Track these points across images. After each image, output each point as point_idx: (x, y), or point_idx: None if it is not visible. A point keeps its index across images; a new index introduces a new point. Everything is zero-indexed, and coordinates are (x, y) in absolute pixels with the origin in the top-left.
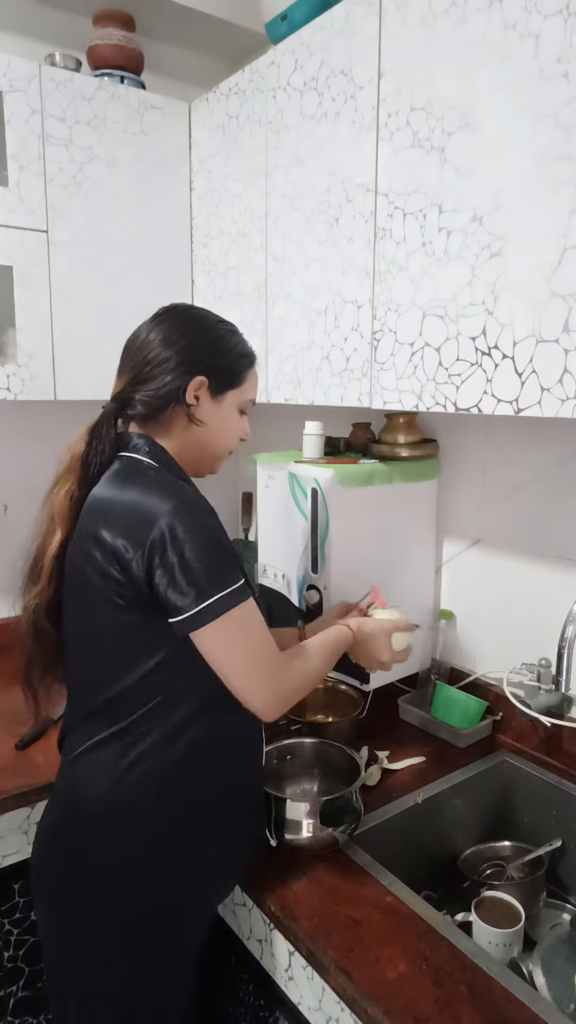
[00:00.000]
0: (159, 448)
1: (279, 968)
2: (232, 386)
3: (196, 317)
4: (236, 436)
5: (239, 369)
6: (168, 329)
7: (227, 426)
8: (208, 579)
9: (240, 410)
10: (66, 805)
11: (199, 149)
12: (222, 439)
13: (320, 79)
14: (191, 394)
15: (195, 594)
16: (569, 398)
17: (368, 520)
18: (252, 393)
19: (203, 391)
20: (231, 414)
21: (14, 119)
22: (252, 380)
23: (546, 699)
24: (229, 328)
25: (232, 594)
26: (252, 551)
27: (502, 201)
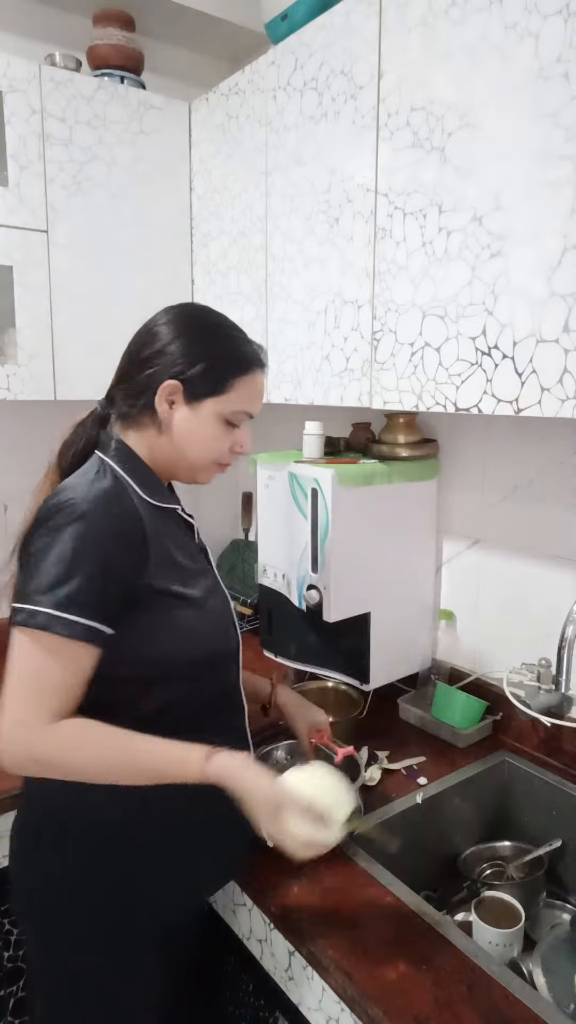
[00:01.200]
0: (127, 452)
1: (279, 968)
2: (213, 393)
3: (191, 317)
4: (217, 448)
5: (225, 376)
6: (161, 327)
7: (201, 436)
8: (32, 585)
9: (227, 421)
10: (34, 806)
11: (199, 149)
12: (195, 449)
13: (320, 79)
14: (161, 398)
15: (16, 590)
16: (569, 398)
17: (368, 520)
18: (243, 404)
19: (177, 396)
20: (208, 424)
21: (14, 119)
22: (244, 390)
23: (546, 699)
24: (227, 333)
25: (34, 614)
26: (252, 551)
27: (502, 201)
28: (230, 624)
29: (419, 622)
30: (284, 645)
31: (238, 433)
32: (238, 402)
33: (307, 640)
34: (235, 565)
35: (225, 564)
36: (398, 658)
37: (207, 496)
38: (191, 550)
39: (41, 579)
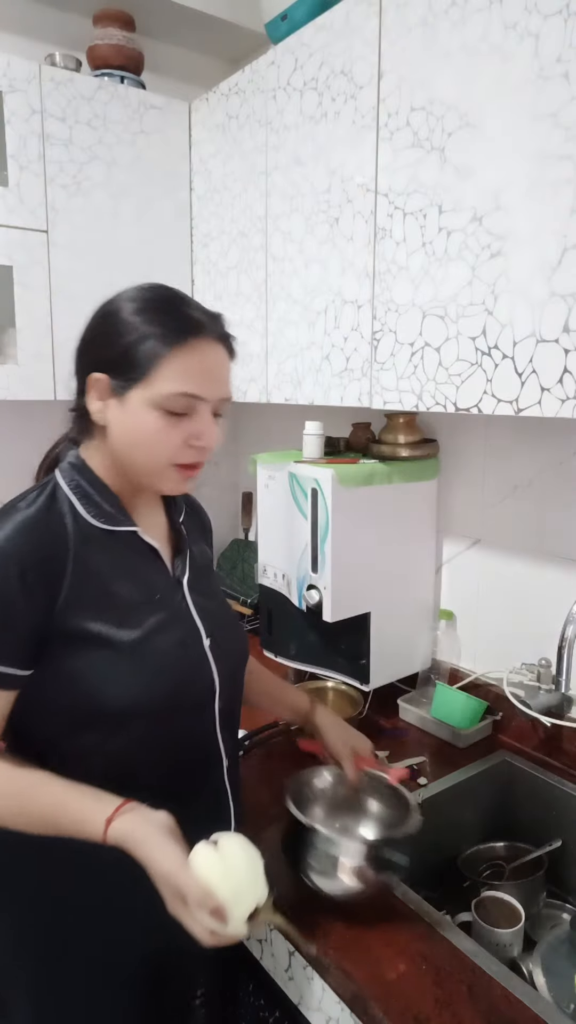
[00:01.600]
0: (80, 467)
1: (279, 968)
2: (137, 380)
3: (118, 298)
4: (163, 445)
5: (143, 357)
6: (91, 318)
7: (137, 433)
8: None
9: (166, 410)
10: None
11: (199, 149)
12: (137, 451)
13: (320, 79)
14: (91, 397)
15: None
16: (569, 398)
17: (368, 520)
18: (179, 384)
19: (104, 391)
20: (141, 417)
21: (14, 119)
22: (177, 367)
23: (546, 699)
24: (153, 304)
25: None
26: (252, 551)
27: (502, 201)
28: (191, 668)
29: (419, 622)
30: (284, 645)
31: (192, 423)
32: (172, 383)
33: (307, 640)
34: (235, 565)
35: (225, 564)
36: (398, 658)
37: (207, 496)
38: (147, 581)
39: None
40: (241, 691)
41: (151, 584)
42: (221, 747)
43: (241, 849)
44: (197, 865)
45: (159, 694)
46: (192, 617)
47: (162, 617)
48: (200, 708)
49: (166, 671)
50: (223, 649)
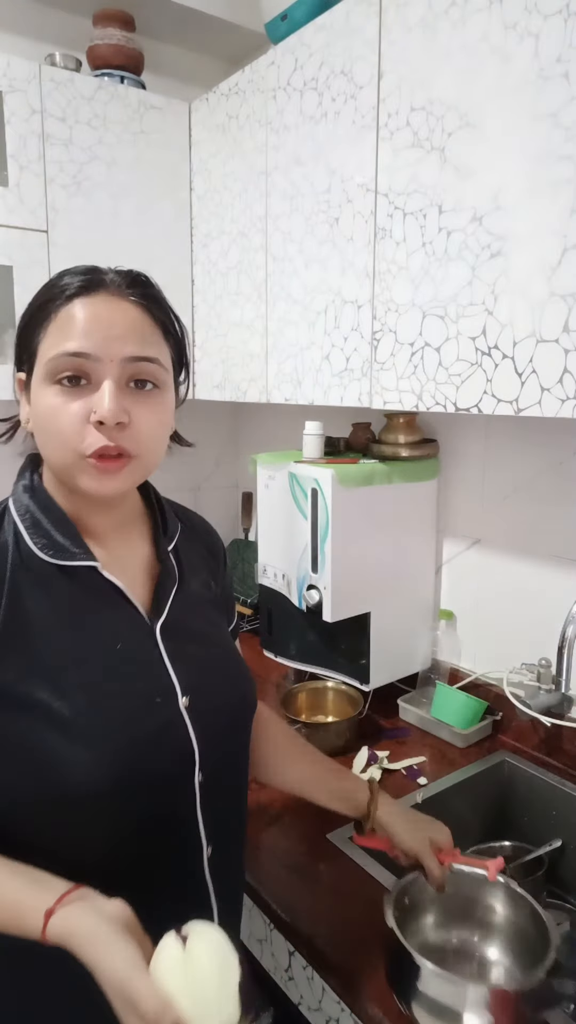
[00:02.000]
0: (33, 487)
1: (279, 968)
2: (31, 361)
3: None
4: (63, 425)
5: (33, 330)
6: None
7: (42, 418)
8: None
9: (53, 380)
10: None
11: (199, 149)
12: (47, 438)
13: (320, 79)
14: (21, 404)
15: None
16: (569, 398)
17: (368, 520)
18: (57, 345)
19: (24, 391)
20: (41, 396)
21: (14, 119)
22: (57, 329)
23: (546, 699)
24: (41, 287)
25: None
26: (252, 551)
27: (502, 201)
28: (158, 736)
29: (419, 622)
30: (284, 645)
31: (90, 395)
32: (53, 346)
33: (307, 640)
34: (235, 565)
35: None
36: (398, 658)
37: (207, 496)
38: (105, 628)
39: None
40: (238, 758)
41: (110, 632)
42: (201, 831)
43: (214, 951)
44: (158, 967)
45: (111, 773)
46: (165, 669)
47: (120, 674)
48: (173, 784)
49: (121, 744)
50: (207, 707)
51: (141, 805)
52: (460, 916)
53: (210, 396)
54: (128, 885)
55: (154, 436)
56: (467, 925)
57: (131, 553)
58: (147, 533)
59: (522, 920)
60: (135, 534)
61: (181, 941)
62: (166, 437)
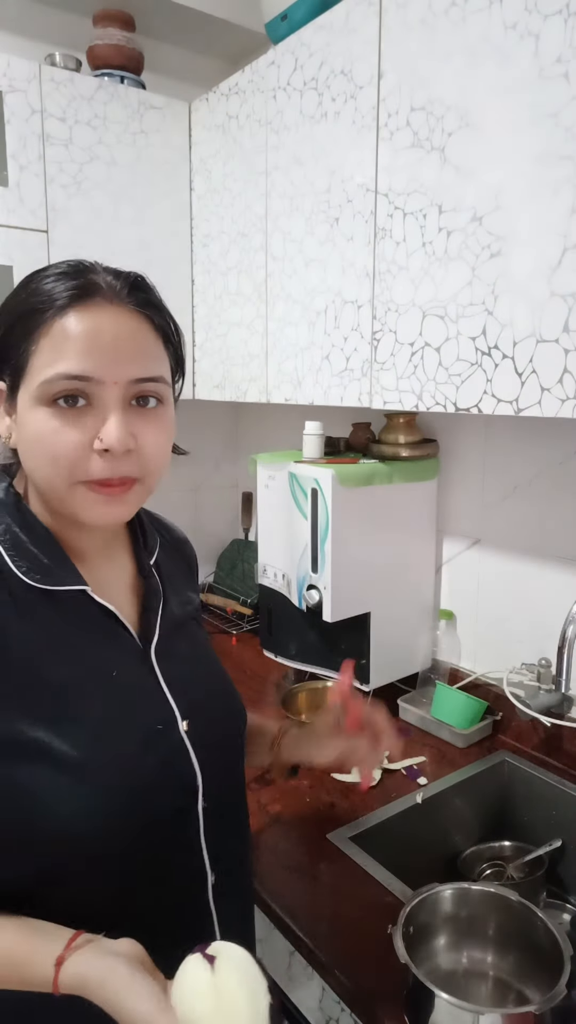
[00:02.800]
0: (10, 505)
1: (279, 968)
2: (17, 376)
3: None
4: (58, 452)
5: (19, 345)
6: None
7: (33, 441)
8: None
9: (50, 401)
10: None
11: (199, 149)
12: (38, 462)
13: (320, 79)
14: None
15: None
16: (569, 398)
17: (368, 520)
18: (52, 365)
19: (3, 403)
20: (30, 418)
21: (14, 119)
22: (50, 344)
23: (546, 699)
24: (21, 285)
25: None
26: (252, 551)
27: (502, 201)
28: (161, 767)
29: (419, 622)
30: (284, 645)
31: (94, 418)
32: (48, 365)
33: (307, 640)
34: (235, 565)
35: (225, 564)
36: (398, 658)
37: (207, 496)
38: (98, 655)
39: None
40: (237, 776)
41: (104, 659)
42: (205, 860)
43: (243, 974)
44: (184, 993)
45: (116, 813)
46: (164, 696)
47: (120, 704)
48: (178, 812)
49: (125, 780)
50: (206, 730)
51: (146, 840)
52: (470, 935)
53: (210, 396)
54: (130, 922)
55: (161, 456)
56: (478, 944)
57: (116, 572)
58: (128, 547)
59: (534, 936)
60: (118, 550)
61: (207, 962)
62: (170, 452)
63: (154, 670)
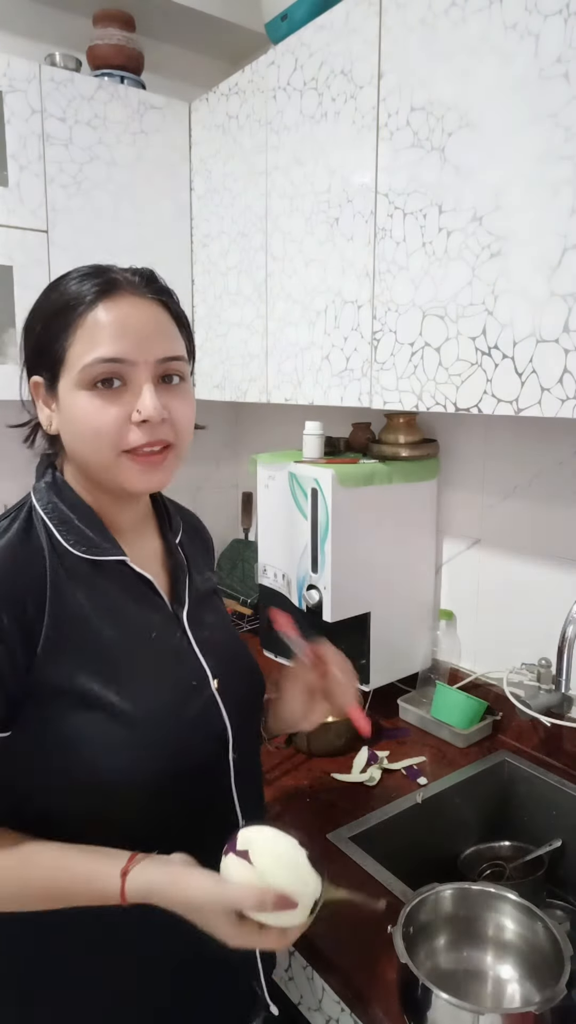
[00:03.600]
0: (58, 485)
1: (279, 968)
2: (57, 366)
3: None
4: (101, 426)
5: (55, 338)
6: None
7: (78, 422)
8: None
9: (90, 384)
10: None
11: (199, 149)
12: (83, 445)
13: (320, 79)
14: (39, 406)
15: None
16: (569, 398)
17: (368, 520)
18: (91, 351)
19: (43, 395)
20: (73, 403)
21: (14, 119)
22: (86, 334)
23: (546, 699)
24: (50, 288)
25: None
26: (252, 551)
27: (502, 201)
28: (198, 720)
29: (419, 622)
30: (284, 645)
31: (129, 395)
32: (86, 352)
33: (307, 640)
34: (235, 565)
35: (225, 564)
36: (398, 658)
37: (207, 496)
38: (139, 619)
39: None
40: (257, 735)
41: (144, 622)
42: (237, 806)
43: (278, 856)
44: (241, 877)
45: (162, 759)
46: (196, 657)
47: (160, 663)
48: (211, 765)
49: (169, 731)
50: (234, 689)
51: (188, 786)
52: (470, 936)
53: (210, 396)
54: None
55: (188, 424)
56: (478, 945)
57: (147, 547)
58: (156, 527)
59: (534, 936)
60: (148, 529)
61: (241, 858)
62: (194, 422)
63: (187, 633)
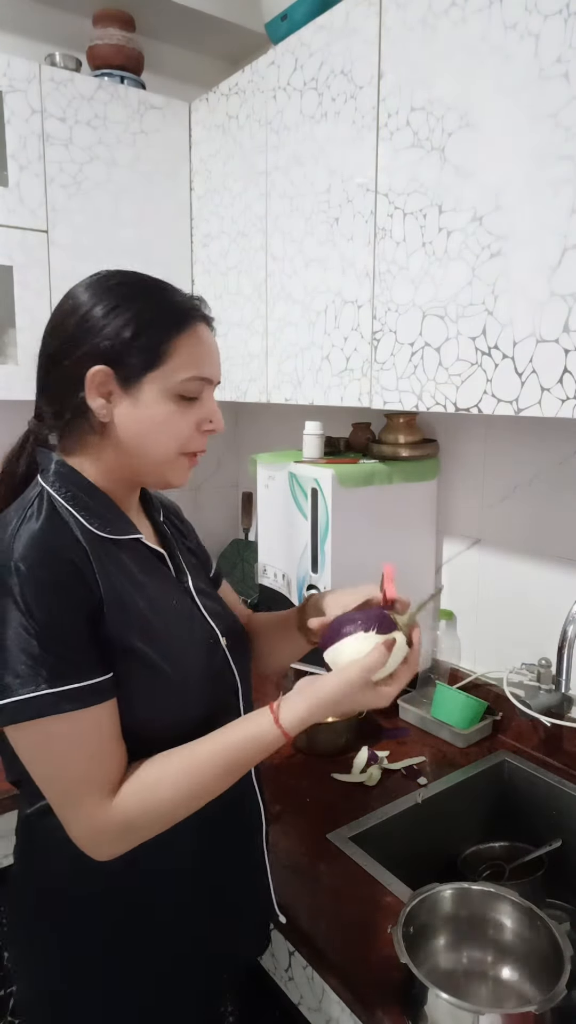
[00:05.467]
0: (68, 474)
1: (279, 968)
2: (150, 367)
3: (95, 285)
4: (178, 433)
5: (159, 340)
6: (61, 311)
7: (154, 424)
8: (15, 673)
9: (179, 395)
10: (23, 863)
11: (199, 149)
12: (152, 444)
13: (320, 79)
14: (92, 392)
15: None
16: (569, 398)
17: (368, 520)
18: (193, 368)
19: (110, 384)
20: (157, 406)
21: (14, 119)
22: (190, 350)
23: (546, 699)
24: (149, 286)
25: (47, 700)
26: (252, 551)
27: (502, 201)
28: (218, 676)
29: (419, 622)
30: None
31: (202, 407)
32: (185, 367)
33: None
34: (235, 565)
35: (225, 564)
36: None
37: (207, 496)
38: (160, 589)
39: (20, 666)
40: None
41: (164, 591)
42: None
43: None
44: (353, 652)
45: (200, 706)
46: (207, 620)
47: (183, 626)
48: (229, 712)
49: (200, 684)
50: (238, 647)
51: (210, 730)
52: (470, 936)
53: None
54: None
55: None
56: (478, 945)
57: (145, 527)
58: (142, 509)
59: (534, 936)
60: (141, 510)
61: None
62: None
63: (195, 600)
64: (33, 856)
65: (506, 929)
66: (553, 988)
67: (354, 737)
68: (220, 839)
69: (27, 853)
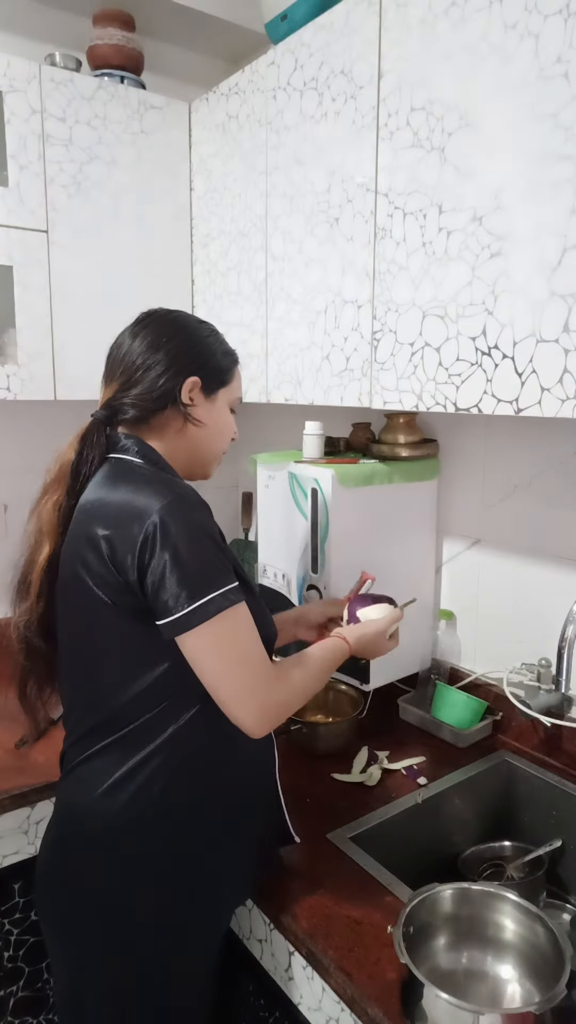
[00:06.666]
0: (148, 448)
1: (279, 968)
2: (222, 384)
3: (179, 320)
4: (228, 436)
5: (226, 367)
6: (154, 333)
7: (220, 426)
8: (199, 579)
9: (231, 408)
10: (64, 821)
11: (199, 149)
12: (216, 439)
13: (320, 79)
14: (186, 395)
15: (186, 595)
16: (569, 398)
17: (368, 520)
18: (239, 391)
19: (197, 391)
20: (224, 413)
21: (14, 119)
22: (238, 378)
23: (546, 699)
24: (211, 329)
25: (224, 595)
26: (252, 551)
27: (502, 201)
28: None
29: (419, 622)
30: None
31: (233, 420)
32: (236, 389)
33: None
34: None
35: None
36: (398, 658)
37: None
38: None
39: (201, 573)
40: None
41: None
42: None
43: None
44: (377, 612)
45: (265, 630)
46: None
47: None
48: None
49: (264, 614)
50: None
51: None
52: (470, 936)
53: None
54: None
55: None
56: (478, 945)
57: None
58: None
59: (534, 936)
60: None
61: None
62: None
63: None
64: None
65: (506, 929)
66: (553, 988)
67: (354, 737)
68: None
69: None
